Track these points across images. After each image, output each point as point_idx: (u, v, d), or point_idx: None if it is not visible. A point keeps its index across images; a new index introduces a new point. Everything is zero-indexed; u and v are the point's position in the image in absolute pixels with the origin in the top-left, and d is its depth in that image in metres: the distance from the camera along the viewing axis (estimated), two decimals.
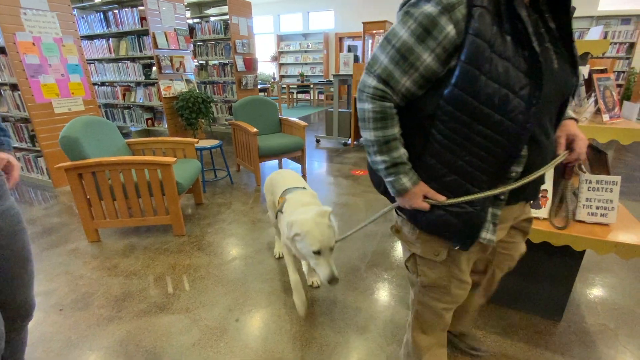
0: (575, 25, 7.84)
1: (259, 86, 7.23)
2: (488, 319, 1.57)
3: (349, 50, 4.66)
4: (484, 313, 1.60)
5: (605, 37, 7.63)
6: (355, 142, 4.98)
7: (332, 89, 9.29)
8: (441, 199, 0.80)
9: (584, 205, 1.32)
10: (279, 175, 1.83)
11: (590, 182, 1.31)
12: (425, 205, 0.82)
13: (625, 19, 7.68)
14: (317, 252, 1.26)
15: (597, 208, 1.31)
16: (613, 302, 1.68)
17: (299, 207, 1.41)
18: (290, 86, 9.59)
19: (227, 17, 5.01)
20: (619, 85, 7.74)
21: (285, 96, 9.61)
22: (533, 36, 0.67)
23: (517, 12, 0.66)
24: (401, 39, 0.72)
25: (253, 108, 3.58)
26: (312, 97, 10.11)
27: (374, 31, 6.08)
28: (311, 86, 9.70)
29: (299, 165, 3.69)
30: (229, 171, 3.45)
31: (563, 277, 1.45)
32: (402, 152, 0.80)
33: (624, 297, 1.72)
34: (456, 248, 0.85)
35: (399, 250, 2.18)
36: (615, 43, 7.60)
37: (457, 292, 0.95)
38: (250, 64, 5.43)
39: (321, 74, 10.17)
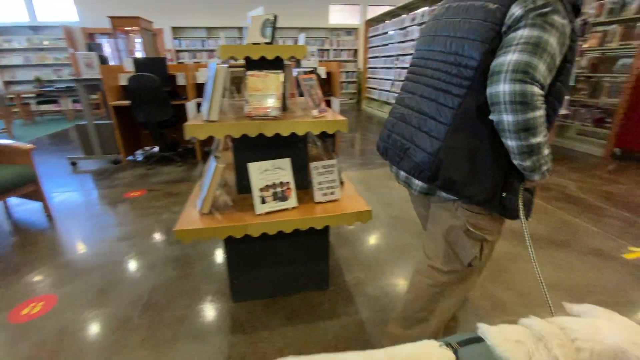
0: (314, 34, 9.68)
1: None
2: (272, 316, 1.61)
3: (90, 49, 3.80)
4: (269, 312, 1.63)
5: (337, 46, 9.80)
6: (130, 157, 4.21)
7: (93, 96, 7.57)
8: None
9: (317, 188, 1.52)
10: None
11: (318, 168, 1.51)
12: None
13: (349, 31, 10.16)
14: None
15: (328, 188, 1.54)
16: (363, 256, 2.11)
17: None
18: (24, 95, 7.10)
19: None
20: (353, 82, 10.26)
21: (17, 109, 7.04)
22: None
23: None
24: (552, 46, 0.80)
25: None
26: (65, 108, 7.91)
27: (127, 28, 5.27)
28: (57, 94, 7.54)
29: (39, 203, 2.72)
30: None
31: (320, 252, 1.65)
32: None
33: (369, 250, 2.20)
34: (529, 220, 0.99)
35: (190, 279, 1.94)
36: (345, 49, 9.93)
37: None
38: None
39: (71, 77, 8.07)
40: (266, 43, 1.50)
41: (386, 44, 7.61)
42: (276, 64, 1.52)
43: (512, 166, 0.92)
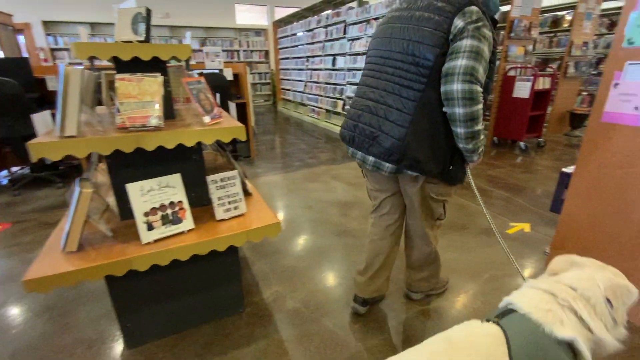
0: (221, 34, 9.23)
1: None
2: (180, 355, 1.39)
3: None
4: (175, 351, 1.41)
5: (247, 47, 9.51)
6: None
7: None
8: None
9: (218, 204, 1.36)
10: None
11: (216, 181, 1.35)
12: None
13: (258, 31, 9.94)
14: None
15: (230, 203, 1.39)
16: (281, 267, 2.01)
17: None
18: None
19: None
20: (267, 83, 10.10)
21: None
22: None
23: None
24: (486, 53, 1.06)
25: None
26: None
27: None
28: None
29: None
30: None
31: (229, 274, 1.50)
32: None
33: (288, 259, 2.10)
34: (463, 184, 1.35)
35: (70, 330, 1.56)
36: (256, 50, 9.70)
37: None
38: None
39: None
40: (139, 41, 1.28)
41: (296, 45, 7.65)
42: (155, 66, 1.30)
43: (455, 146, 1.19)
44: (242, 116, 4.15)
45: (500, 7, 4.60)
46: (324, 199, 3.01)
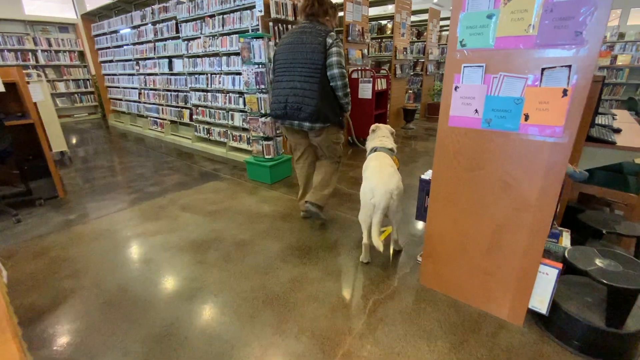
0: (2, 28, 6.77)
1: None
2: None
3: None
4: None
5: (49, 46, 7.29)
6: None
7: None
8: None
9: None
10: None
11: None
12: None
13: (63, 27, 7.73)
14: None
15: None
16: None
17: None
18: None
19: None
20: (90, 93, 8.04)
21: None
22: None
23: None
24: (343, 54, 2.13)
25: None
26: None
27: None
28: None
29: None
30: None
31: None
32: None
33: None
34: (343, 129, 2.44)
35: None
36: (65, 51, 7.55)
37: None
38: None
39: None
40: None
41: (120, 46, 6.24)
42: None
43: (340, 106, 2.27)
44: (32, 141, 2.91)
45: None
46: (169, 243, 2.31)
